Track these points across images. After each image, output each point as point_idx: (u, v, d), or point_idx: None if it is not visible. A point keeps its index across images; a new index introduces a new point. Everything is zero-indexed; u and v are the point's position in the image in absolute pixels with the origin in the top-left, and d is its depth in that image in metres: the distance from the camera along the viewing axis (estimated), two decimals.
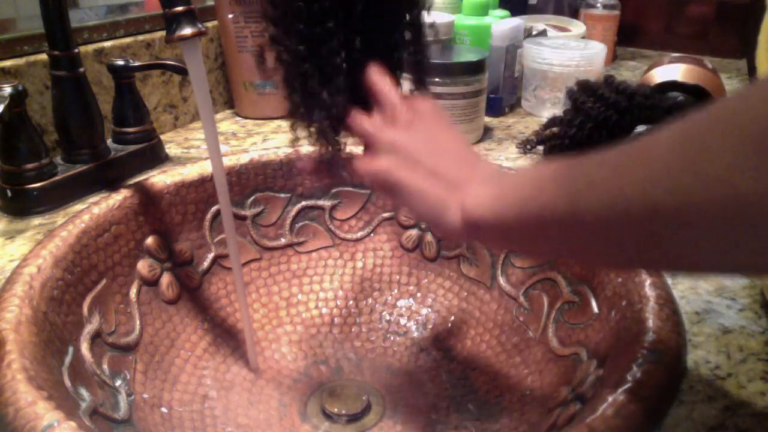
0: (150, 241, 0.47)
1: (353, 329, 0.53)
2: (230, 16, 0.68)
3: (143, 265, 0.46)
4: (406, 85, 0.40)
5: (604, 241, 0.25)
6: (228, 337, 0.50)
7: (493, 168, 0.35)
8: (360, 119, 0.37)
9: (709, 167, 0.19)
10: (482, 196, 0.31)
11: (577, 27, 0.92)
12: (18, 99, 0.45)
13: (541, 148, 0.60)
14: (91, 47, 0.58)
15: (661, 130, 0.22)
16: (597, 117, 0.56)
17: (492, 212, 0.30)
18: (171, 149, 0.62)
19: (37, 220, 0.47)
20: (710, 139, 0.19)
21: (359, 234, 0.56)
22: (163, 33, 0.63)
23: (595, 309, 0.41)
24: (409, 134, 0.36)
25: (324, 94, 0.37)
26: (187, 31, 0.37)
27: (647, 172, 0.22)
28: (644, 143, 0.23)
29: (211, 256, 0.51)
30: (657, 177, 0.21)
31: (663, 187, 0.21)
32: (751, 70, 0.62)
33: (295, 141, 0.39)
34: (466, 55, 0.64)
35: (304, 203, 0.56)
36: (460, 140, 0.37)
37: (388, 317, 0.54)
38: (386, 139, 0.36)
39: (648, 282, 0.36)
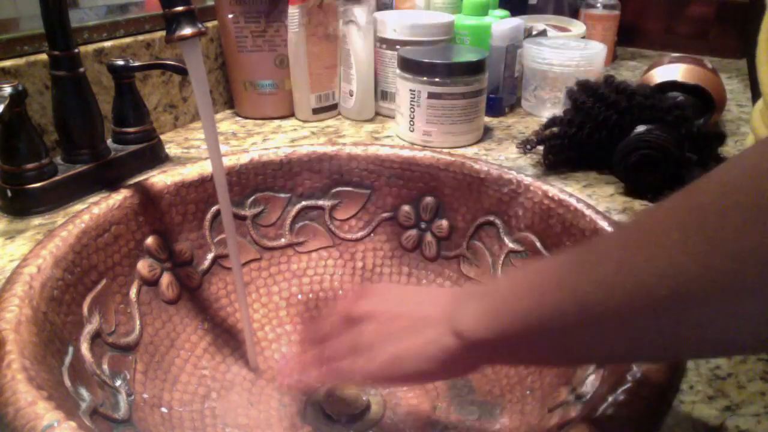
0: (150, 241, 0.47)
1: None
2: (230, 16, 0.68)
3: (143, 265, 0.46)
4: None
5: (626, 338, 0.23)
6: (228, 337, 0.50)
7: (468, 289, 0.33)
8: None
9: (709, 238, 0.19)
10: (475, 315, 0.28)
11: (577, 27, 0.92)
12: (18, 99, 0.45)
13: (541, 148, 0.60)
14: (91, 47, 0.58)
15: (655, 210, 0.22)
16: (597, 117, 0.56)
17: (493, 330, 0.27)
18: (171, 149, 0.62)
19: (37, 220, 0.47)
20: (704, 211, 0.20)
21: (359, 234, 0.56)
22: (163, 33, 0.63)
23: None
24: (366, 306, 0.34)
25: None
26: (187, 31, 0.37)
27: (645, 258, 0.21)
28: (647, 224, 0.22)
29: (211, 256, 0.51)
30: (660, 259, 0.20)
31: (667, 268, 0.20)
32: (751, 70, 0.62)
33: None
34: (466, 55, 0.64)
35: (304, 203, 0.56)
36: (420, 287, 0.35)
37: None
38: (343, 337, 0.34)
39: None
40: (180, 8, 0.37)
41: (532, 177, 0.51)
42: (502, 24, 0.71)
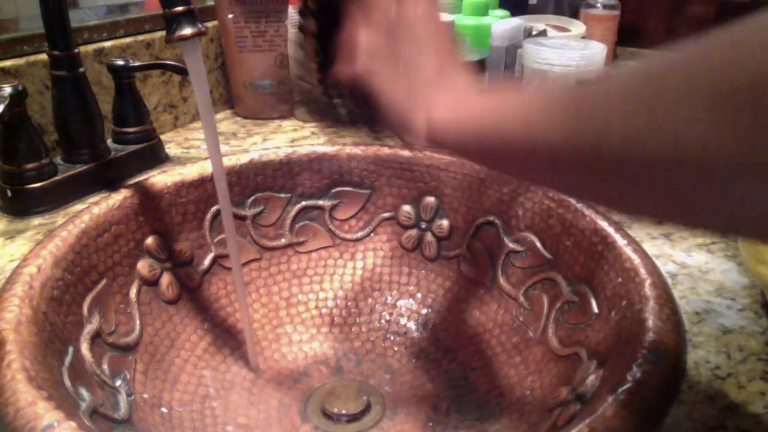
0: (150, 241, 0.47)
1: (353, 329, 0.53)
2: (230, 16, 0.68)
3: (143, 265, 0.46)
4: None
5: (558, 174, 0.26)
6: (228, 337, 0.50)
7: (467, 78, 0.34)
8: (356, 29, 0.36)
9: (659, 113, 0.19)
10: (447, 113, 0.32)
11: (577, 27, 0.92)
12: (18, 99, 0.45)
13: None
14: (91, 47, 0.58)
15: (623, 71, 0.22)
16: None
17: (454, 133, 0.31)
18: (171, 149, 0.62)
19: (37, 220, 0.47)
20: (666, 85, 0.19)
21: (359, 234, 0.56)
22: (163, 33, 0.63)
23: (595, 309, 0.41)
24: (389, 33, 0.35)
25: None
26: (187, 31, 0.37)
27: (602, 113, 0.22)
28: (606, 82, 0.23)
29: (211, 256, 0.51)
30: (611, 118, 0.21)
31: (615, 129, 0.21)
32: None
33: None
34: (466, 55, 0.63)
35: (304, 203, 0.56)
36: (444, 36, 0.36)
37: (388, 317, 0.54)
38: (365, 40, 0.35)
39: (648, 282, 0.36)
40: (180, 8, 0.37)
41: None
42: (502, 24, 0.71)
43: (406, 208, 0.56)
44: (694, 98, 0.18)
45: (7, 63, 0.52)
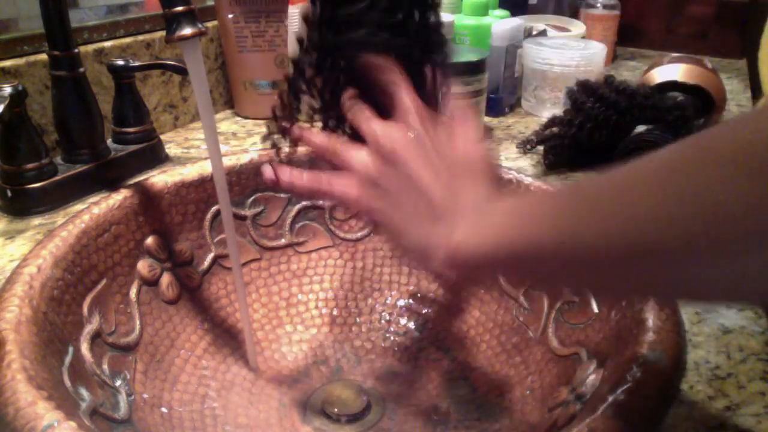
0: (150, 241, 0.47)
1: (353, 329, 0.53)
2: (230, 16, 0.68)
3: (143, 265, 0.46)
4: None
5: (595, 275, 0.25)
6: (228, 337, 0.50)
7: (482, 195, 0.33)
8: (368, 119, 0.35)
9: (694, 191, 0.19)
10: (467, 233, 0.30)
11: (577, 27, 0.92)
12: (18, 99, 0.45)
13: (541, 148, 0.60)
14: (91, 47, 0.58)
15: (646, 160, 0.22)
16: (597, 117, 0.56)
17: (478, 251, 0.29)
18: (171, 149, 0.62)
19: (37, 220, 0.47)
20: (694, 165, 0.19)
21: (359, 234, 0.56)
22: (163, 33, 0.63)
23: (595, 309, 0.41)
24: (387, 162, 0.33)
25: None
26: (187, 31, 0.37)
27: (635, 196, 0.21)
28: (629, 173, 0.22)
29: (211, 256, 0.51)
30: (643, 210, 0.21)
31: (649, 219, 0.20)
32: (752, 70, 0.63)
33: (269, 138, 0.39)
34: (466, 55, 0.63)
35: (304, 203, 0.55)
36: (459, 152, 0.34)
37: (388, 317, 0.54)
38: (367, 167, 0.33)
39: None
40: (180, 8, 0.37)
41: (532, 177, 0.51)
42: (502, 24, 0.71)
43: None
44: (725, 166, 0.18)
45: (7, 63, 0.52)
